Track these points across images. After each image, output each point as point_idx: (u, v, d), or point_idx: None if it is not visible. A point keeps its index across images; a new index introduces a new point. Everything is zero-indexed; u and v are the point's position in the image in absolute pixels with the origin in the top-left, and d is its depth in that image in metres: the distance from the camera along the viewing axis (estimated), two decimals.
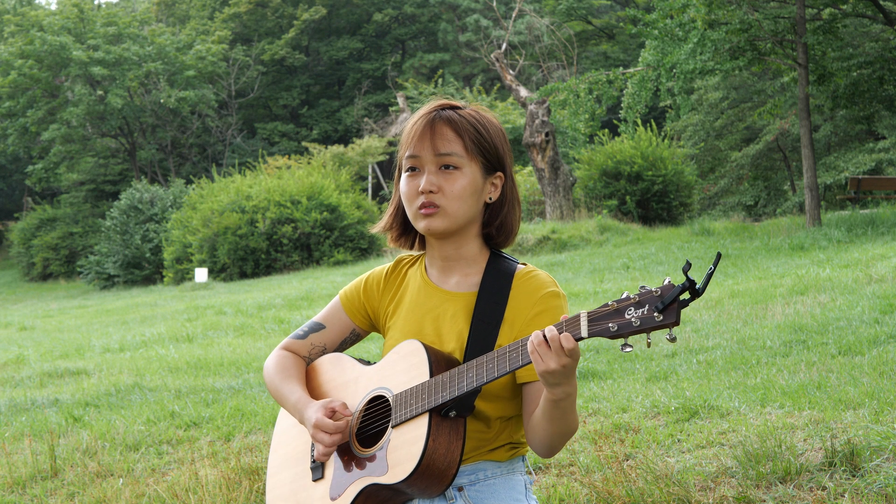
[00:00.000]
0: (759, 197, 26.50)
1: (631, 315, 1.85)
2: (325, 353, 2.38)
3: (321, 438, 2.15)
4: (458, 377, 2.03)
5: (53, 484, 4.64)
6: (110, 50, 33.55)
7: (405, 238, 2.32)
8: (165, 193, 28.42)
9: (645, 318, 1.83)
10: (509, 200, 2.25)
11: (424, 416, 2.05)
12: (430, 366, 2.08)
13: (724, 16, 15.46)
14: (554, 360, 1.90)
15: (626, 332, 1.85)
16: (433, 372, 2.08)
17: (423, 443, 2.02)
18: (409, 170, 2.20)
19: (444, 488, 2.07)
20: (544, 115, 20.24)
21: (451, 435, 2.06)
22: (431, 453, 2.02)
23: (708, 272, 1.77)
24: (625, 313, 1.85)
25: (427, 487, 2.06)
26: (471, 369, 2.02)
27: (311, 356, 2.39)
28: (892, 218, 14.38)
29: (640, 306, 1.84)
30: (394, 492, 2.09)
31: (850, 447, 3.66)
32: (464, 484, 2.15)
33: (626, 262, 13.54)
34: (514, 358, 1.97)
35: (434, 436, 2.03)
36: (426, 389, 2.07)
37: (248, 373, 7.39)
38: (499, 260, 2.24)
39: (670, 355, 6.57)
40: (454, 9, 41.37)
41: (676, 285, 1.80)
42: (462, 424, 2.08)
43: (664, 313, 1.81)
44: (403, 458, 2.05)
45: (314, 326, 2.39)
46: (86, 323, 14.14)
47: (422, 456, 2.01)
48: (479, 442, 2.15)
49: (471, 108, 2.23)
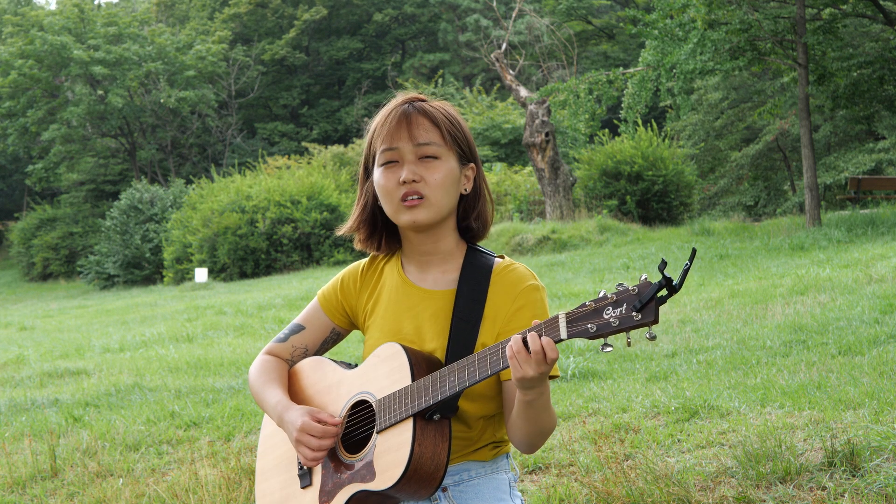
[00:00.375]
0: (759, 197, 26.49)
1: (609, 315, 1.82)
2: (307, 354, 2.36)
3: (307, 441, 2.12)
4: (440, 381, 2.02)
5: (53, 484, 4.63)
6: (110, 50, 33.56)
7: (372, 239, 2.28)
8: (165, 193, 28.42)
9: (623, 318, 1.80)
10: (482, 193, 2.24)
11: (409, 421, 2.03)
12: (412, 369, 2.07)
13: (724, 16, 15.47)
14: (533, 367, 1.89)
15: (605, 332, 1.82)
16: (415, 375, 2.06)
17: (410, 448, 2.01)
18: (386, 164, 2.15)
19: (432, 491, 2.06)
20: (544, 115, 20.24)
21: (436, 438, 2.04)
22: (418, 458, 2.01)
23: (684, 268, 1.74)
24: (603, 313, 1.83)
25: (416, 492, 2.05)
26: (452, 373, 2.01)
27: (293, 358, 2.37)
28: (892, 218, 14.38)
29: (618, 305, 1.81)
30: (383, 497, 2.07)
31: (850, 447, 3.66)
32: (448, 484, 2.14)
33: (626, 262, 13.54)
34: (496, 361, 1.95)
35: (420, 440, 2.02)
36: (409, 394, 2.05)
37: (248, 373, 7.39)
38: (476, 254, 2.22)
39: (670, 355, 6.57)
40: (454, 9, 41.38)
41: (653, 283, 1.78)
42: (447, 426, 2.06)
43: (642, 312, 1.78)
44: (391, 464, 2.03)
45: (294, 328, 2.37)
46: (86, 323, 14.14)
47: (408, 461, 2.00)
48: (462, 442, 2.14)
49: (437, 102, 2.22)
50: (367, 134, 2.23)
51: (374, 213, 2.25)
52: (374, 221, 2.26)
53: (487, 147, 29.01)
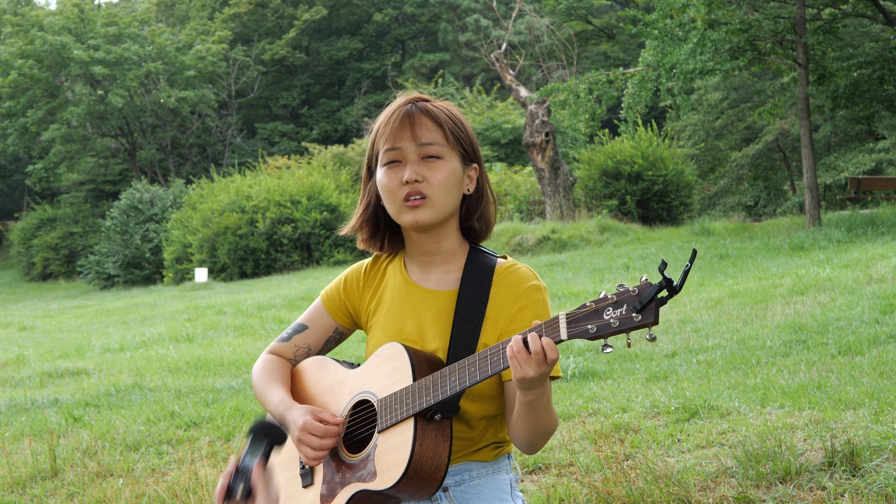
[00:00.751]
0: (759, 197, 26.50)
1: (609, 316, 1.81)
2: (310, 353, 2.36)
3: (309, 441, 2.12)
4: (441, 381, 2.02)
5: (53, 484, 4.63)
6: (110, 50, 33.57)
7: (375, 239, 2.28)
8: (165, 193, 28.43)
9: (623, 319, 1.80)
10: (485, 193, 2.24)
11: (410, 421, 2.03)
12: (413, 369, 2.06)
13: (724, 16, 15.47)
14: (533, 368, 1.89)
15: (606, 333, 1.82)
16: (416, 375, 2.06)
17: (410, 448, 2.01)
18: (389, 163, 2.15)
19: (433, 491, 2.06)
20: (544, 115, 20.24)
21: (437, 438, 2.04)
22: (419, 458, 2.01)
23: (685, 269, 1.73)
24: (603, 314, 1.82)
25: (416, 491, 2.05)
26: (453, 373, 2.01)
27: (296, 358, 2.37)
28: (892, 218, 14.39)
29: (619, 306, 1.81)
30: (384, 497, 2.07)
31: (850, 447, 3.66)
32: (449, 485, 2.14)
33: (626, 262, 13.54)
34: (496, 362, 1.95)
35: (420, 440, 2.01)
36: (410, 394, 2.05)
37: (248, 373, 7.39)
38: (478, 255, 2.22)
39: (670, 355, 6.57)
40: (454, 9, 41.38)
41: (653, 284, 1.77)
42: (448, 426, 2.06)
43: (642, 313, 1.77)
44: (391, 464, 2.03)
45: (298, 328, 2.37)
46: (86, 323, 14.14)
47: (409, 461, 2.00)
48: (463, 442, 2.14)
49: (440, 102, 2.22)
50: (371, 133, 2.23)
51: (377, 212, 2.25)
52: (376, 221, 2.26)
53: (487, 147, 29.02)
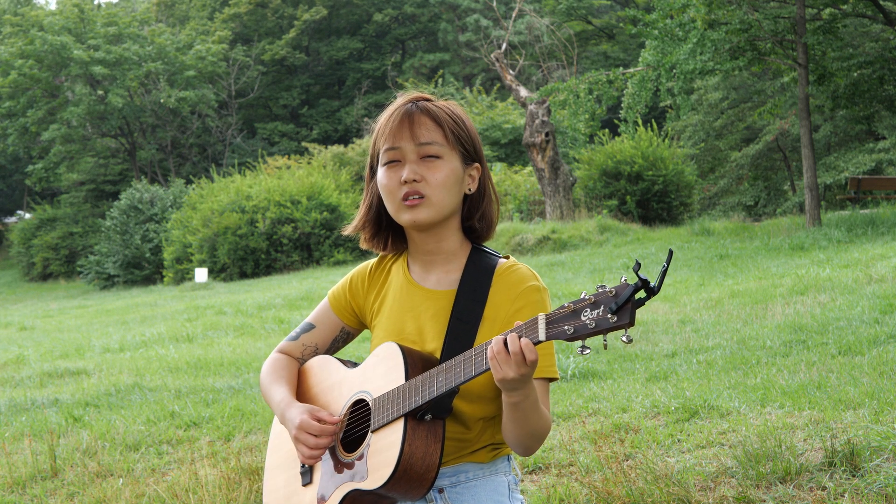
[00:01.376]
0: (759, 197, 26.49)
1: (587, 317, 1.80)
2: (317, 352, 2.37)
3: (305, 440, 2.13)
4: (429, 381, 2.02)
5: (53, 484, 4.63)
6: (110, 50, 33.56)
7: (378, 239, 2.29)
8: (165, 193, 28.43)
9: (599, 320, 1.79)
10: (487, 193, 2.24)
11: (400, 421, 2.03)
12: (406, 368, 2.07)
13: (724, 16, 15.47)
14: (513, 369, 1.88)
15: (582, 334, 1.81)
16: (409, 375, 2.06)
17: (399, 448, 2.01)
18: (389, 163, 2.16)
19: (424, 492, 2.06)
20: (544, 115, 20.24)
21: (428, 438, 2.04)
22: (408, 458, 2.01)
23: (662, 270, 1.73)
24: (581, 315, 1.81)
25: (407, 491, 2.05)
26: (440, 373, 2.00)
27: (304, 357, 2.39)
28: (892, 218, 14.38)
29: (596, 307, 1.80)
30: (376, 496, 2.08)
31: (850, 447, 3.66)
32: (444, 486, 2.14)
33: (626, 262, 13.54)
34: (479, 362, 1.95)
35: (410, 440, 2.01)
36: (401, 393, 2.05)
37: (248, 373, 7.39)
38: (480, 255, 2.21)
39: (670, 355, 6.57)
40: (454, 9, 41.38)
41: (630, 284, 1.77)
42: (440, 427, 2.06)
43: (618, 314, 1.76)
44: (381, 464, 2.04)
45: (305, 327, 2.39)
46: (86, 323, 14.14)
47: (398, 461, 2.00)
48: (459, 443, 2.13)
49: (442, 101, 2.21)
50: (372, 133, 2.24)
51: (380, 212, 2.25)
52: (378, 221, 2.27)
53: (487, 147, 29.02)
